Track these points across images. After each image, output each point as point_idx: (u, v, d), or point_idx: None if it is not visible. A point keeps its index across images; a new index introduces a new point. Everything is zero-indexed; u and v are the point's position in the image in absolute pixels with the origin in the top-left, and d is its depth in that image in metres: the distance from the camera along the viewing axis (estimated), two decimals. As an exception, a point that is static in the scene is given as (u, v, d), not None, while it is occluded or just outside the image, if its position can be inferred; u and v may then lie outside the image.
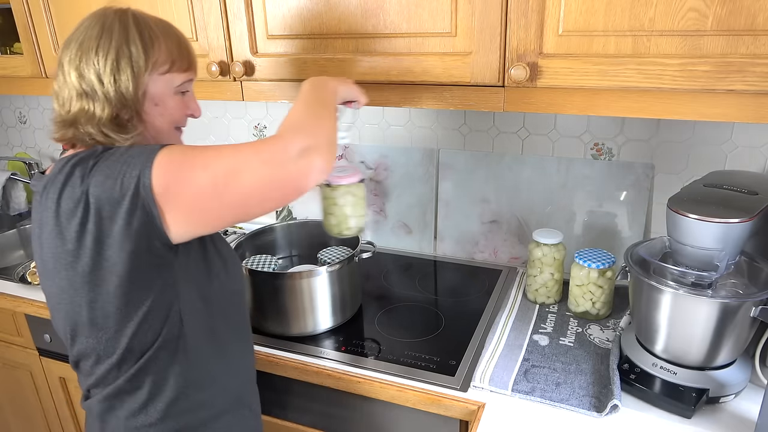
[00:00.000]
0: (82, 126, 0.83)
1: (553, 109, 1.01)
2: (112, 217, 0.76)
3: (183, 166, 0.76)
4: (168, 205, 0.76)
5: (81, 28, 0.84)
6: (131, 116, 0.84)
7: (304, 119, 0.85)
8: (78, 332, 0.85)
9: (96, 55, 0.81)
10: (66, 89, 0.83)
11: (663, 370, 1.00)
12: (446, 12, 1.01)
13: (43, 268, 0.86)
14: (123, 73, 0.82)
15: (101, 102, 0.82)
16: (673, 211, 0.96)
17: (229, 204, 0.78)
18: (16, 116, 2.11)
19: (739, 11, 0.83)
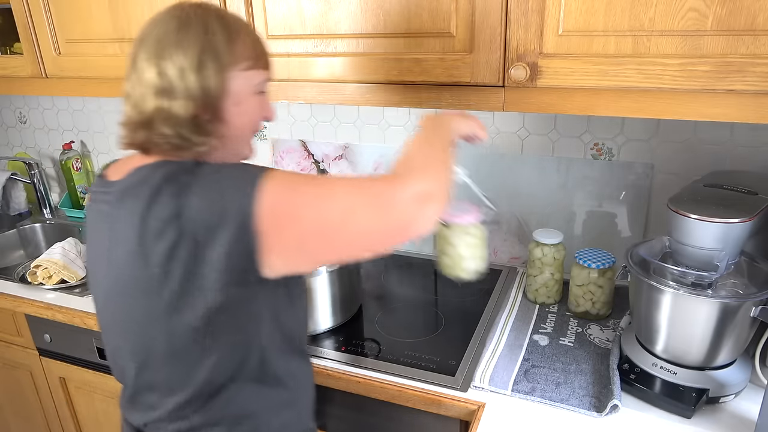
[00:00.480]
0: (157, 127, 0.76)
1: (553, 109, 1.01)
2: (208, 244, 0.70)
3: (292, 201, 0.71)
4: (271, 239, 0.70)
5: (156, 23, 0.78)
6: (212, 117, 0.78)
7: (421, 161, 0.78)
8: (149, 363, 0.79)
9: (177, 50, 0.75)
10: (140, 88, 0.77)
11: (663, 370, 1.00)
12: (446, 12, 1.01)
13: (108, 288, 0.79)
14: (207, 68, 0.75)
15: (181, 100, 0.75)
16: (673, 211, 0.96)
17: (335, 246, 0.73)
18: (16, 116, 2.11)
19: (739, 11, 0.83)
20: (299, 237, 0.71)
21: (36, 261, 1.49)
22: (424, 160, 0.78)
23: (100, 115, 1.94)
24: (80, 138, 2.02)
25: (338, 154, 1.63)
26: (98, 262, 0.82)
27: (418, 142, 0.83)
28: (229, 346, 0.77)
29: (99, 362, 1.43)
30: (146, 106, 0.76)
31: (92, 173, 2.06)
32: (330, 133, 1.63)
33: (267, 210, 0.69)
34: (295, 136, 1.68)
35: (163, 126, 0.76)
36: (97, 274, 0.84)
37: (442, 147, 0.84)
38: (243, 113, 0.81)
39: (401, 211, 0.71)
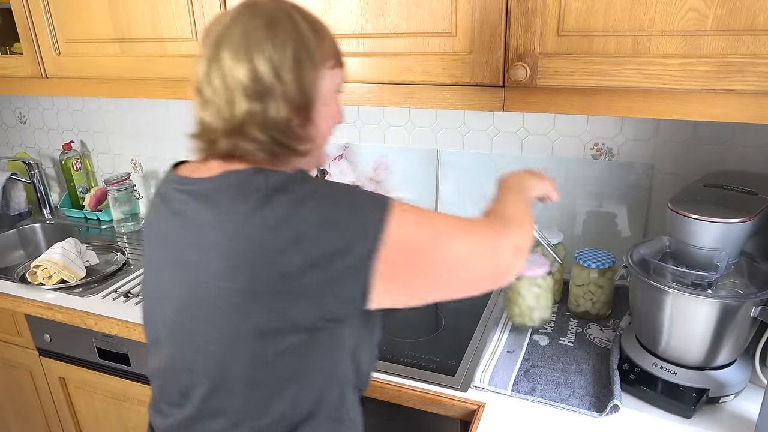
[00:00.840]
0: (249, 133, 0.69)
1: (553, 109, 1.01)
2: (320, 267, 0.65)
3: (416, 238, 0.68)
4: (386, 273, 0.67)
5: (236, 20, 0.70)
6: (305, 119, 0.73)
7: (518, 214, 0.80)
8: (223, 386, 0.72)
9: (270, 47, 0.68)
10: (226, 91, 0.69)
11: (663, 370, 1.00)
12: (446, 12, 1.01)
13: (183, 296, 0.72)
14: (303, 66, 0.70)
15: (277, 101, 0.69)
16: (673, 211, 0.96)
17: (444, 286, 0.72)
18: (16, 116, 2.11)
19: (739, 11, 0.83)
20: (414, 273, 0.69)
21: (36, 261, 1.49)
22: (520, 213, 0.80)
23: (100, 115, 1.94)
24: (80, 138, 2.02)
25: (338, 154, 1.63)
26: (166, 265, 0.74)
27: (513, 196, 0.85)
28: (313, 378, 0.72)
29: (99, 362, 1.43)
30: (236, 110, 0.69)
31: (92, 173, 2.07)
32: (330, 133, 1.63)
33: (391, 243, 0.66)
34: (295, 136, 1.68)
35: (256, 131, 0.70)
36: (162, 278, 0.75)
37: (527, 203, 0.86)
38: (328, 115, 0.76)
39: (503, 259, 0.74)
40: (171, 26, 1.27)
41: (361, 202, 0.68)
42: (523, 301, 1.15)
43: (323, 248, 0.64)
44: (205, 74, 0.71)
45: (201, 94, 0.72)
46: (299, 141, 0.73)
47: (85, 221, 1.94)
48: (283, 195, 0.66)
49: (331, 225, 0.65)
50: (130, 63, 1.35)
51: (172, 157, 1.88)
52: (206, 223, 0.69)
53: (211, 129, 0.71)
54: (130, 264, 1.59)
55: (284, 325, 0.67)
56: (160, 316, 0.77)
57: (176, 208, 0.73)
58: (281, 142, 0.71)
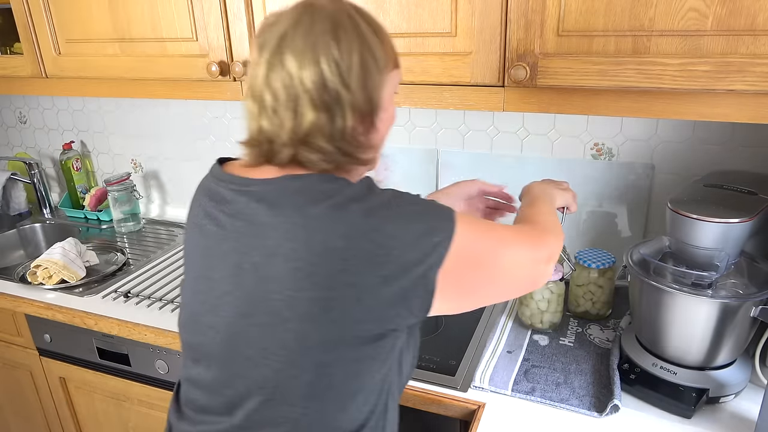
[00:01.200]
0: (314, 143, 0.66)
1: (553, 109, 1.01)
2: (392, 279, 0.64)
3: (479, 247, 0.69)
4: (449, 281, 0.67)
5: (299, 22, 0.67)
6: (368, 126, 0.70)
7: (552, 225, 0.82)
8: (278, 398, 0.68)
9: (337, 52, 0.65)
10: (288, 99, 0.66)
11: (663, 370, 1.00)
12: (446, 12, 1.01)
13: (240, 303, 0.68)
14: (370, 71, 0.67)
15: (344, 110, 0.66)
16: (673, 211, 0.96)
17: (492, 294, 0.75)
18: (16, 116, 2.11)
19: (739, 11, 0.83)
20: (474, 281, 0.70)
21: (36, 261, 1.49)
22: (553, 223, 0.83)
23: (100, 115, 1.94)
24: (80, 138, 2.02)
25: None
26: (219, 270, 0.70)
27: (543, 204, 0.88)
28: (371, 389, 0.71)
29: (99, 362, 1.43)
30: (302, 120, 0.66)
31: (92, 173, 2.07)
32: (330, 133, 1.63)
33: (457, 253, 0.66)
34: (295, 136, 1.68)
35: (323, 141, 0.67)
36: (213, 284, 0.71)
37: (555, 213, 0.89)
38: (387, 120, 0.73)
39: (543, 267, 0.77)
40: (171, 26, 1.27)
41: (431, 214, 0.68)
42: (535, 305, 1.18)
43: (395, 260, 0.64)
44: (265, 79, 0.67)
45: (259, 100, 0.68)
46: (363, 149, 0.70)
47: (85, 221, 1.94)
48: (356, 204, 0.65)
49: (404, 237, 0.64)
50: (130, 63, 1.35)
51: (172, 157, 1.88)
52: (269, 226, 0.65)
53: (270, 138, 0.68)
54: (130, 264, 1.59)
55: (351, 336, 0.66)
56: (209, 324, 0.72)
57: (233, 209, 0.70)
58: (347, 152, 0.68)
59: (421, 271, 0.65)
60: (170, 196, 1.96)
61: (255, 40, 0.70)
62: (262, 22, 0.71)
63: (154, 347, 1.32)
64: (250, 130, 0.71)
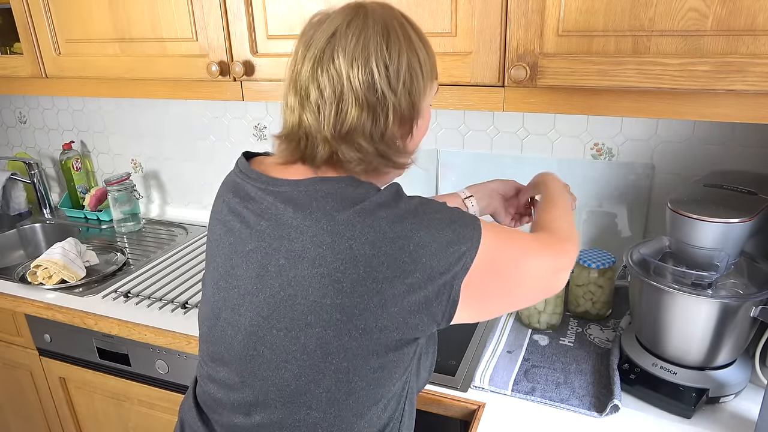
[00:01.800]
0: (355, 141, 0.67)
1: (553, 109, 1.01)
2: (418, 287, 0.64)
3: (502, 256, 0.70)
4: (471, 291, 0.67)
5: (350, 23, 0.68)
6: (407, 132, 0.72)
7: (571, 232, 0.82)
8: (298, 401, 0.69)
9: (388, 56, 0.67)
10: (335, 95, 0.67)
11: (663, 370, 1.00)
12: (446, 12, 1.01)
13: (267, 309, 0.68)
14: (416, 78, 0.69)
15: (387, 113, 0.67)
16: (673, 211, 0.96)
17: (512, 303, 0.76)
18: (16, 116, 2.11)
19: (739, 11, 0.83)
20: (496, 290, 0.71)
21: (36, 261, 1.48)
22: (571, 230, 0.83)
23: (100, 115, 1.94)
24: (80, 138, 2.02)
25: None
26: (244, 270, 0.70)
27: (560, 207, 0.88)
28: (390, 396, 0.72)
29: (99, 362, 1.43)
30: (346, 117, 0.66)
31: (92, 173, 2.07)
32: (330, 133, 1.63)
33: (481, 262, 0.66)
34: (295, 136, 1.68)
35: (363, 140, 0.67)
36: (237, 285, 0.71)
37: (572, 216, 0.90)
38: (423, 127, 0.75)
39: (560, 277, 0.78)
40: (171, 26, 1.27)
41: (458, 223, 0.67)
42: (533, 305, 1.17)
43: (422, 268, 0.64)
44: (311, 74, 0.68)
45: (303, 94, 0.69)
46: (400, 154, 0.72)
47: (85, 221, 1.94)
48: (384, 210, 0.65)
49: (431, 246, 0.64)
50: (130, 63, 1.35)
51: (172, 157, 1.88)
52: (296, 229, 0.65)
53: (310, 132, 0.69)
54: (130, 264, 1.59)
55: (374, 344, 0.66)
56: (230, 321, 0.73)
57: (259, 208, 0.70)
58: (384, 154, 0.69)
59: (447, 279, 0.65)
60: (170, 196, 1.96)
61: (301, 37, 0.72)
62: (309, 19, 0.73)
63: (154, 347, 1.32)
64: (289, 124, 0.72)
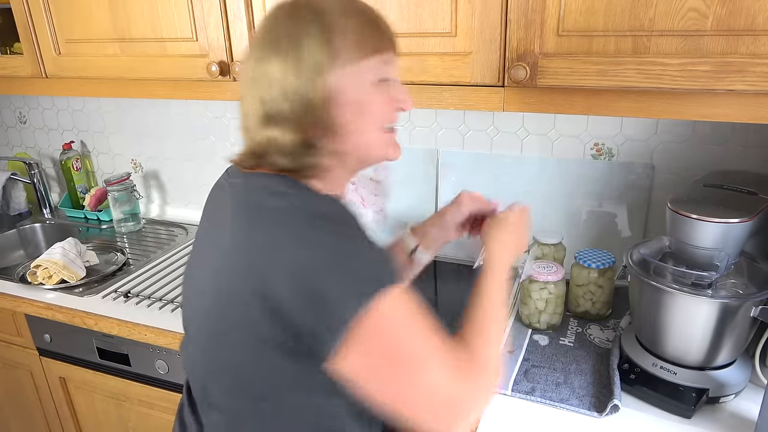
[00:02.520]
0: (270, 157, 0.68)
1: (553, 109, 1.01)
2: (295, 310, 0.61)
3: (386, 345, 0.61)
4: (348, 353, 0.61)
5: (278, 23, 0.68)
6: (324, 131, 0.67)
7: (492, 359, 0.72)
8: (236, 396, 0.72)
9: (327, 45, 0.65)
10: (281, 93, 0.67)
11: (663, 370, 1.00)
12: (446, 12, 1.01)
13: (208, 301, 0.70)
14: (301, 76, 0.65)
15: (283, 126, 0.66)
16: (673, 211, 0.96)
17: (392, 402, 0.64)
18: (16, 116, 2.11)
19: (739, 11, 0.83)
20: (374, 374, 0.63)
21: (36, 261, 1.48)
22: (493, 349, 0.73)
23: (100, 115, 1.94)
24: (80, 138, 2.02)
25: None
26: (197, 265, 0.73)
27: (499, 301, 0.79)
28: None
29: (99, 362, 1.43)
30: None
31: (92, 173, 2.07)
32: (330, 133, 1.63)
33: (363, 330, 0.60)
34: (295, 136, 1.68)
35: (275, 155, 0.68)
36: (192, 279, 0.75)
37: (504, 301, 0.81)
38: (363, 114, 0.68)
39: (465, 404, 0.67)
40: (171, 26, 1.27)
41: (354, 274, 0.61)
42: (533, 304, 1.18)
43: (301, 296, 0.60)
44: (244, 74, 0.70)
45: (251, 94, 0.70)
46: (324, 156, 0.68)
47: (85, 221, 1.94)
48: (298, 222, 0.62)
49: (319, 276, 0.59)
50: (130, 63, 1.35)
51: (172, 157, 1.88)
52: (227, 225, 0.66)
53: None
54: (130, 264, 1.59)
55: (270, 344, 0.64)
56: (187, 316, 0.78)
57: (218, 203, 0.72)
58: (304, 164, 0.67)
59: (331, 312, 0.60)
60: (170, 196, 1.96)
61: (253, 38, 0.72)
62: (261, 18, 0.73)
63: (154, 347, 1.32)
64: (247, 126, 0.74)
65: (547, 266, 1.18)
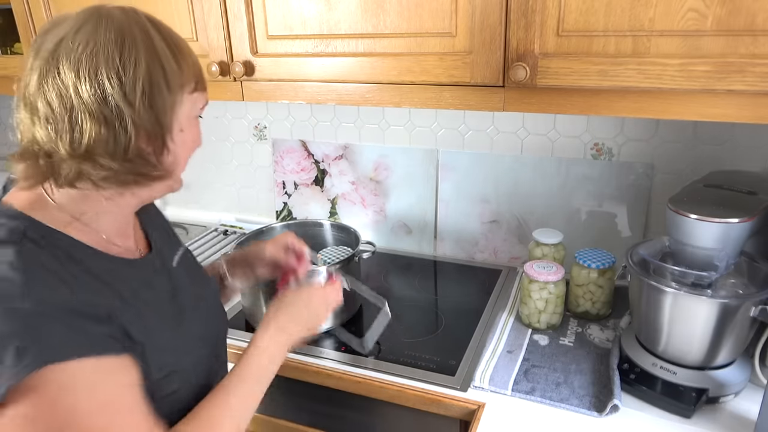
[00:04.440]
0: (98, 160, 0.62)
1: (553, 109, 1.01)
2: None
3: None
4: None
5: (81, 29, 0.63)
6: (160, 147, 0.67)
7: None
8: None
9: (120, 65, 0.62)
10: (65, 110, 0.61)
11: (663, 370, 1.00)
12: (446, 12, 1.01)
13: None
14: (158, 90, 0.64)
15: (125, 127, 0.62)
16: (673, 211, 0.96)
17: None
18: (16, 116, 2.11)
19: (739, 11, 0.83)
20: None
21: (36, 261, 1.48)
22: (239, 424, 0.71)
23: (100, 115, 1.94)
24: (80, 138, 2.02)
25: (338, 154, 1.63)
26: None
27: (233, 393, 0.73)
28: None
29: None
30: (81, 134, 0.61)
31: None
32: (330, 133, 1.63)
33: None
34: (295, 136, 1.68)
35: (106, 159, 0.63)
36: None
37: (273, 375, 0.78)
38: (186, 141, 0.71)
39: None
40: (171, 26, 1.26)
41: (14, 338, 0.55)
42: (533, 303, 1.18)
43: None
44: (38, 87, 0.62)
45: (31, 109, 0.63)
46: (154, 169, 0.67)
47: (85, 221, 1.94)
48: None
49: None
50: (130, 63, 1.35)
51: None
52: None
53: (48, 151, 0.63)
54: (130, 264, 1.59)
55: None
56: None
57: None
58: (135, 171, 0.65)
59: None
60: (170, 196, 1.96)
61: (33, 44, 0.64)
62: (43, 24, 0.67)
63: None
64: (24, 141, 0.65)
65: (547, 266, 1.18)
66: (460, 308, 1.32)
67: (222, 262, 1.00)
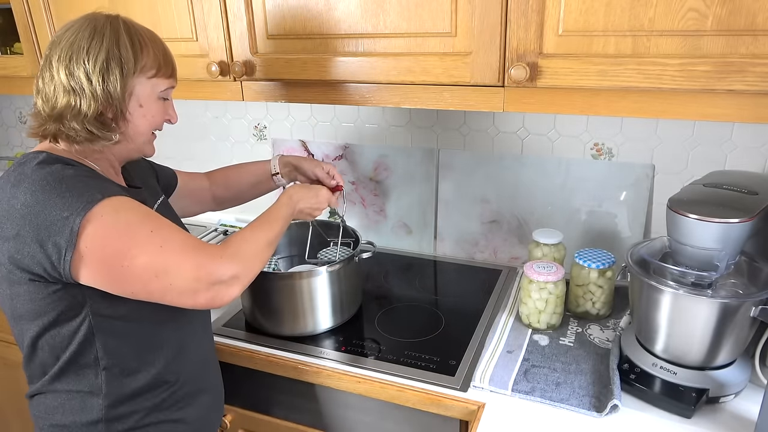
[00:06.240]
0: (67, 121, 0.86)
1: (553, 109, 1.01)
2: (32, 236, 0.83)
3: (106, 249, 0.81)
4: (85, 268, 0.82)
5: (71, 29, 0.87)
6: (115, 115, 0.89)
7: (240, 252, 0.90)
8: None
9: (86, 55, 0.85)
10: (52, 86, 0.87)
11: (663, 370, 1.00)
12: (446, 12, 1.01)
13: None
14: (112, 73, 0.86)
15: (87, 99, 0.86)
16: (673, 211, 0.96)
17: (134, 293, 0.85)
18: (16, 116, 2.11)
19: (739, 11, 0.83)
20: (108, 279, 0.83)
21: (36, 261, 1.49)
22: (246, 250, 0.91)
23: (100, 115, 1.94)
24: (80, 138, 2.02)
25: (338, 154, 1.63)
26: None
27: (266, 222, 0.99)
28: None
29: (99, 362, 1.43)
30: (58, 102, 0.86)
31: (92, 173, 2.06)
32: (330, 133, 1.64)
33: (83, 250, 0.80)
34: (295, 136, 1.68)
35: (73, 120, 0.86)
36: None
37: (275, 234, 0.99)
38: (145, 114, 0.92)
39: (213, 287, 0.85)
40: (171, 26, 1.27)
41: (60, 204, 0.80)
42: (532, 303, 1.18)
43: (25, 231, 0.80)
44: (41, 70, 0.88)
45: (36, 84, 0.89)
46: (109, 130, 0.88)
47: (85, 221, 1.94)
48: (14, 176, 0.84)
49: (35, 207, 0.80)
50: (130, 63, 1.35)
51: (172, 156, 1.88)
52: None
53: (44, 113, 0.88)
54: (130, 264, 1.59)
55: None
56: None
57: None
58: (91, 131, 0.87)
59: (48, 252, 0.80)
60: (170, 196, 1.96)
61: None
62: None
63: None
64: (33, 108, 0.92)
65: (547, 266, 1.18)
66: (460, 308, 1.32)
67: (277, 161, 1.27)
